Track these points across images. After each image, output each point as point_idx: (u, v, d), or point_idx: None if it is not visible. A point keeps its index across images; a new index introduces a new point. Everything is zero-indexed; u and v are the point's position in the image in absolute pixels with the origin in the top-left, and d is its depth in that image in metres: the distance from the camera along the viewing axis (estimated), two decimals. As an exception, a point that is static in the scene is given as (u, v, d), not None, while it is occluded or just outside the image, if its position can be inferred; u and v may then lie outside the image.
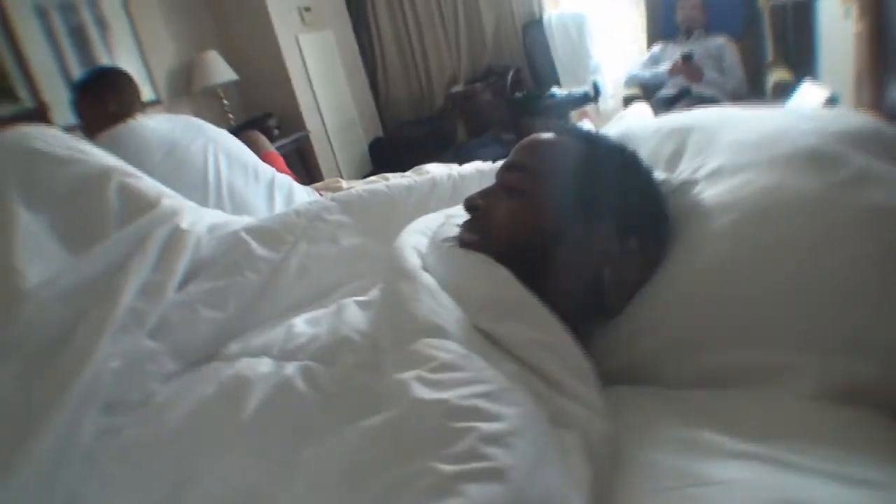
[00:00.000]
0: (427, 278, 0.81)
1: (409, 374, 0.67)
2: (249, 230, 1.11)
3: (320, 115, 4.07)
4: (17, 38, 3.12)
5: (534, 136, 0.96)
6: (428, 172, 2.78)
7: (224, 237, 1.11)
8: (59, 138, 1.21)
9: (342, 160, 4.20)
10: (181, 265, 1.02)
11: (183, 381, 0.98)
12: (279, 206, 1.92)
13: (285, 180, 2.08)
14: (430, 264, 0.87)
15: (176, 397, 0.94)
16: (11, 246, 1.03)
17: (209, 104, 3.90)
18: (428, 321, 0.74)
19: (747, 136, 1.00)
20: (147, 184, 1.17)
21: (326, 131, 4.11)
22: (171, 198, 1.15)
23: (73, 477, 0.88)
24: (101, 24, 3.51)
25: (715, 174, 0.95)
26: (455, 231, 0.95)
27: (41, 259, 1.05)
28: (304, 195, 2.09)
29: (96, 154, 1.19)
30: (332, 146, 4.15)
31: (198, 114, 3.60)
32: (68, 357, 0.92)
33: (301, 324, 0.96)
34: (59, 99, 3.02)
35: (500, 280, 0.80)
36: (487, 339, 0.74)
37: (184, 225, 1.06)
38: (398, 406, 0.65)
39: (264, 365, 0.89)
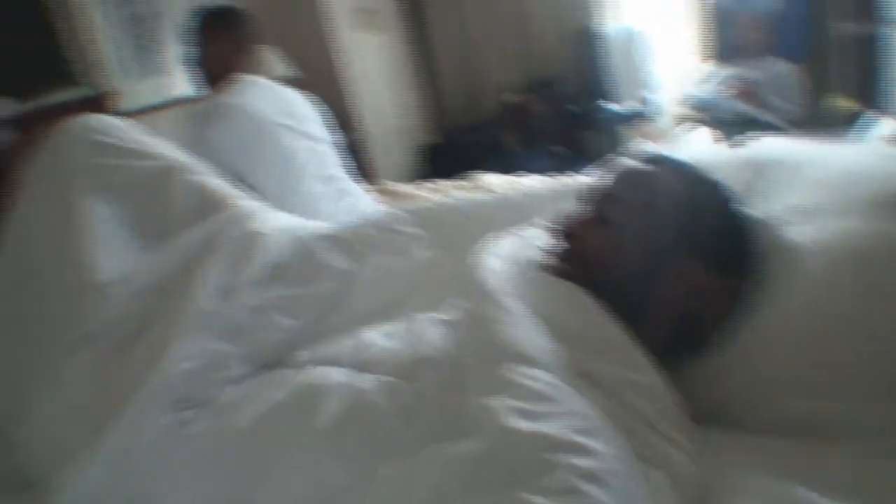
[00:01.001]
0: (515, 303, 0.81)
1: (497, 401, 0.66)
2: (324, 238, 1.12)
3: (373, 117, 4.09)
4: (79, 25, 3.19)
5: (631, 165, 0.94)
6: (481, 181, 2.80)
7: (298, 243, 1.12)
8: (125, 130, 1.22)
9: (393, 163, 4.21)
10: (255, 269, 1.03)
11: (252, 384, 0.99)
12: (344, 211, 1.92)
13: (353, 186, 2.09)
14: (516, 288, 0.86)
15: (245, 399, 0.95)
16: (88, 239, 1.06)
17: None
18: (517, 347, 0.73)
19: (831, 176, 0.98)
20: (215, 181, 1.18)
21: (379, 134, 4.13)
22: (240, 197, 1.16)
23: (140, 471, 0.90)
24: (157, 11, 3.57)
25: (801, 213, 0.93)
26: (538, 254, 0.94)
27: (115, 253, 1.06)
28: (369, 201, 2.09)
29: (164, 148, 1.21)
30: (383, 149, 4.17)
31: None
32: (142, 354, 0.94)
33: (375, 336, 0.96)
34: (122, 86, 3.09)
35: (593, 314, 0.79)
36: (577, 373, 0.73)
37: (257, 227, 1.07)
38: (486, 433, 0.65)
39: (339, 374, 0.89)
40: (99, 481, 0.87)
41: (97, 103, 2.77)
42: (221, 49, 1.95)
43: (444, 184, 2.81)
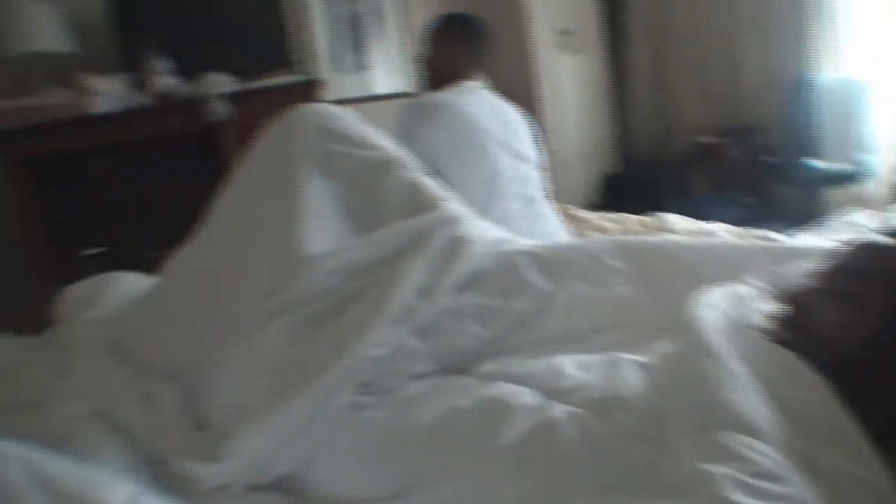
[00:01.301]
0: (739, 366, 0.74)
1: (719, 469, 0.61)
2: (528, 255, 1.11)
3: (560, 138, 4.07)
4: (305, 18, 3.48)
5: (877, 241, 0.85)
6: (665, 220, 2.69)
7: (503, 256, 1.12)
8: (352, 121, 1.29)
9: (575, 187, 4.17)
10: (459, 273, 1.04)
11: (434, 384, 1.00)
12: (538, 235, 1.89)
13: (550, 210, 2.07)
14: (735, 349, 0.80)
15: (427, 397, 0.96)
16: (300, 211, 1.13)
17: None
18: (741, 415, 0.67)
19: None
20: (429, 182, 1.21)
21: (563, 155, 4.10)
22: (451, 201, 1.18)
23: (311, 441, 0.94)
24: (378, 15, 3.79)
25: None
26: (757, 316, 0.87)
27: (324, 228, 1.13)
28: (562, 228, 2.06)
29: (385, 142, 1.26)
30: (567, 171, 4.13)
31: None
32: (341, 332, 0.97)
33: (569, 364, 0.93)
34: (330, 76, 3.32)
35: (819, 395, 0.71)
36: (800, 456, 0.66)
37: (467, 233, 1.08)
38: (704, 501, 0.60)
39: (528, 396, 0.88)
40: (273, 441, 0.92)
41: (307, 90, 2.96)
42: (453, 53, 2.01)
43: (627, 217, 2.72)
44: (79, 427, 1.10)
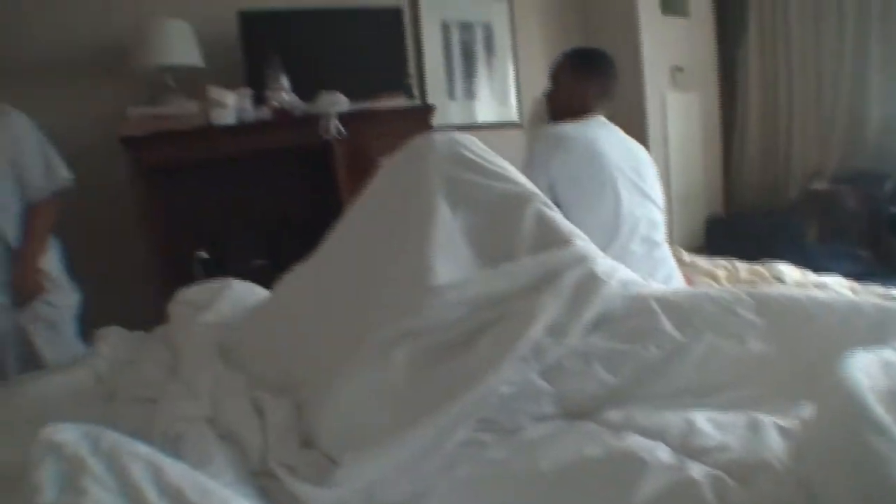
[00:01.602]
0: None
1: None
2: (661, 302, 1.06)
3: (668, 177, 3.96)
4: (421, 45, 3.57)
5: None
6: (776, 270, 2.55)
7: (634, 299, 1.08)
8: (487, 152, 1.28)
9: (676, 228, 4.04)
10: (591, 314, 1.01)
11: (558, 427, 0.97)
12: (658, 280, 1.83)
13: (669, 255, 2.00)
14: None
15: (550, 441, 0.93)
16: (429, 239, 1.12)
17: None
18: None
19: None
20: (561, 218, 1.18)
21: (669, 196, 3.98)
22: (583, 239, 1.15)
23: (425, 473, 0.92)
24: (489, 47, 3.84)
25: None
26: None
27: (452, 257, 1.11)
28: (679, 275, 1.99)
29: (519, 176, 1.24)
30: (671, 211, 4.00)
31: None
32: (470, 365, 0.95)
33: (703, 421, 0.88)
34: (438, 102, 3.37)
35: None
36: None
37: (599, 272, 1.05)
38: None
39: (663, 452, 0.83)
40: (389, 469, 0.90)
41: (419, 115, 3.02)
42: (581, 87, 2.00)
43: (737, 264, 2.61)
44: (191, 430, 1.12)
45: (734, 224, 4.16)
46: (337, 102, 2.75)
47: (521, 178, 1.22)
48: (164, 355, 1.61)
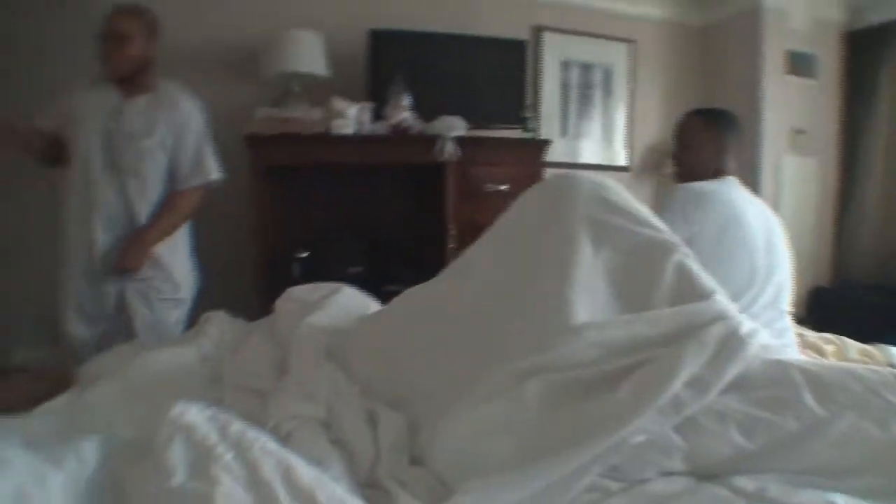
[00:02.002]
0: None
1: None
2: (803, 372, 1.01)
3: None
4: (540, 80, 3.59)
5: None
6: (890, 354, 2.39)
7: (774, 366, 1.03)
8: (630, 199, 1.26)
9: (781, 296, 3.86)
10: (732, 372, 0.96)
11: (687, 486, 0.92)
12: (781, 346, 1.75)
13: (789, 326, 1.91)
14: None
15: (678, 500, 0.89)
16: (570, 276, 1.10)
17: (666, 189, 3.96)
18: None
19: None
20: (702, 271, 1.14)
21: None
22: (723, 296, 1.10)
23: None
24: (606, 89, 3.82)
25: None
26: None
27: (590, 297, 1.09)
28: (795, 347, 1.90)
29: (662, 224, 1.21)
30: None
31: (656, 198, 3.72)
32: (607, 410, 0.92)
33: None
34: (549, 137, 3.36)
35: None
36: None
37: (742, 332, 1.00)
38: None
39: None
40: (510, 501, 0.87)
41: (533, 148, 3.02)
42: (712, 147, 1.96)
43: (847, 342, 2.46)
44: (303, 431, 1.13)
45: (841, 298, 3.93)
46: (455, 126, 2.78)
47: (664, 227, 1.19)
48: (269, 348, 1.64)
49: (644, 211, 1.22)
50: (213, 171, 2.27)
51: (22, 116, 2.20)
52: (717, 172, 1.94)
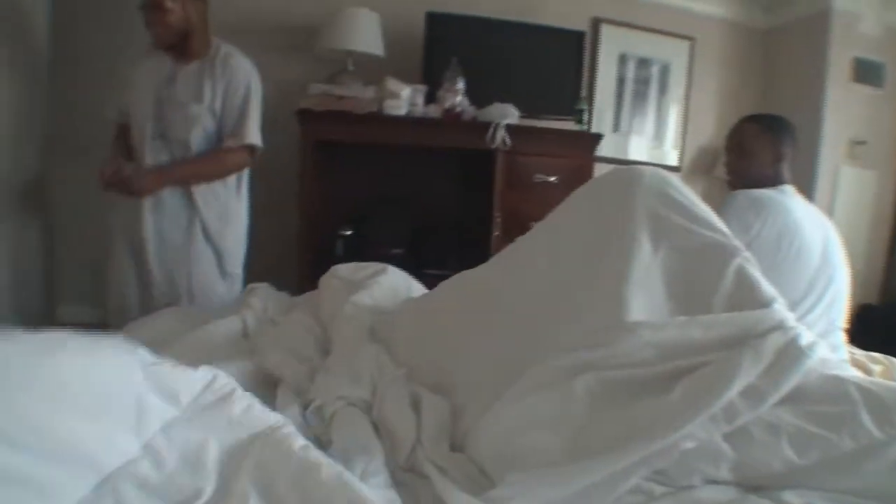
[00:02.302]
0: None
1: None
2: (862, 391, 0.97)
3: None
4: (595, 73, 3.53)
5: None
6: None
7: (831, 381, 0.99)
8: (695, 198, 1.23)
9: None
10: (789, 384, 0.94)
11: (732, 497, 0.90)
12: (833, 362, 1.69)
13: (842, 343, 1.86)
14: None
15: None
16: (628, 273, 1.08)
17: (717, 191, 3.87)
18: None
19: None
20: (763, 278, 1.11)
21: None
22: (783, 305, 1.07)
23: None
24: (662, 86, 3.74)
25: None
26: None
27: (646, 295, 1.07)
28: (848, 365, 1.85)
29: (724, 227, 1.18)
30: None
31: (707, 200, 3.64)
32: (658, 412, 0.90)
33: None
34: (600, 131, 3.30)
35: None
36: None
37: (802, 343, 0.97)
38: None
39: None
40: (554, 497, 0.86)
41: (583, 141, 2.98)
42: (769, 155, 1.92)
43: (894, 361, 2.38)
44: (347, 413, 1.13)
45: (891, 316, 3.81)
46: (508, 114, 2.76)
47: (726, 230, 1.16)
48: (312, 323, 1.65)
49: (707, 211, 1.18)
50: (252, 136, 2.19)
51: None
52: (773, 180, 1.90)
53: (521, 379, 1.04)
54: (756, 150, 1.96)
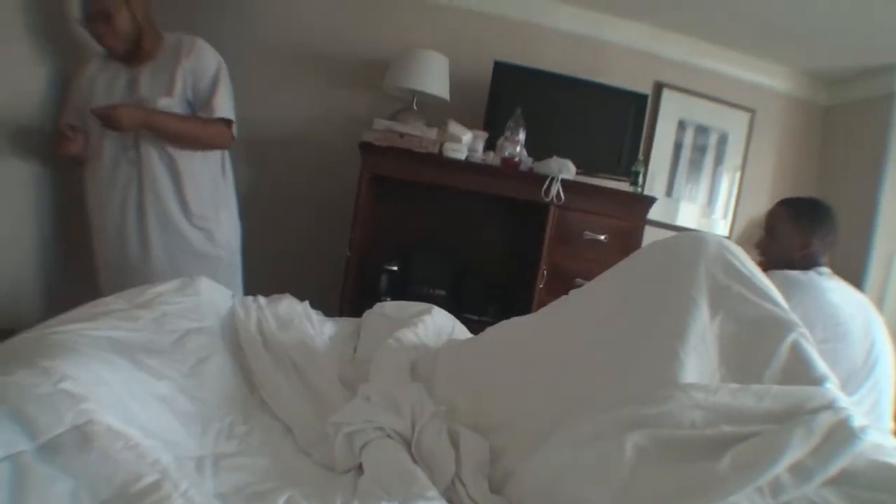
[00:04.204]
0: None
1: None
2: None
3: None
4: (653, 136, 3.57)
5: None
6: None
7: (882, 469, 0.99)
8: (755, 268, 1.24)
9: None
10: (838, 464, 0.93)
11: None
12: None
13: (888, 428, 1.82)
14: None
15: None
16: (684, 334, 1.09)
17: (762, 264, 3.85)
18: None
19: None
20: (817, 355, 1.11)
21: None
22: (834, 384, 1.07)
23: None
24: (719, 155, 3.75)
25: None
26: None
27: (699, 358, 1.07)
28: None
29: (782, 299, 1.19)
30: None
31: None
32: (704, 477, 0.90)
33: None
34: (656, 194, 3.32)
35: None
36: None
37: (854, 425, 0.97)
38: None
39: None
40: None
41: (637, 203, 2.99)
42: (805, 241, 1.92)
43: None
44: (385, 442, 1.16)
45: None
46: (565, 169, 2.80)
47: (784, 303, 1.17)
48: (348, 351, 1.70)
49: (766, 283, 1.20)
50: (223, 110, 2.16)
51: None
52: (801, 264, 1.89)
53: (571, 428, 1.06)
54: (783, 234, 1.97)
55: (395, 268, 3.02)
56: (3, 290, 2.13)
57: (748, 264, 1.21)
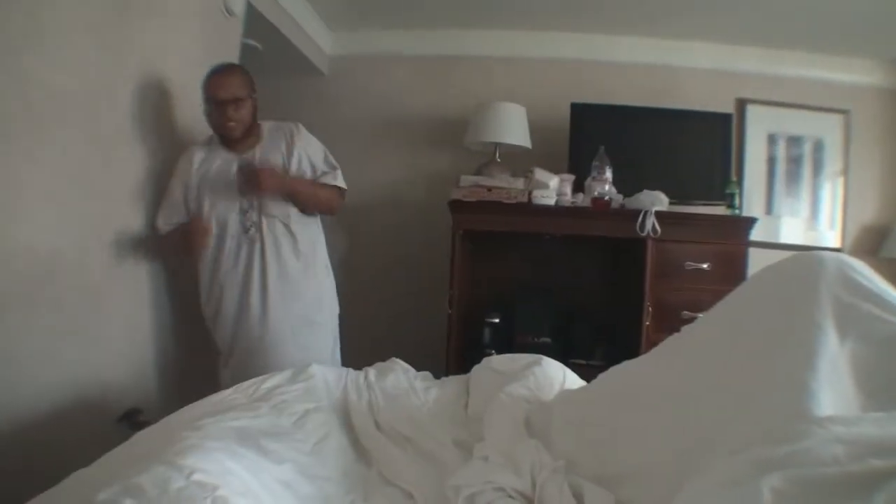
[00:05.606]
0: None
1: None
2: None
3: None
4: (743, 155, 3.47)
5: None
6: None
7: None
8: (880, 281, 1.16)
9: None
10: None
11: None
12: None
13: None
14: None
15: None
16: (813, 364, 1.02)
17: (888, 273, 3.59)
18: None
19: None
20: None
21: None
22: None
23: None
24: (817, 164, 3.59)
25: None
26: None
27: (834, 388, 1.01)
28: None
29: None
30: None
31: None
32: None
33: None
34: (753, 215, 3.20)
35: None
36: None
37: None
38: None
39: None
40: None
41: (736, 225, 2.90)
42: None
43: None
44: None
45: None
46: (657, 201, 2.76)
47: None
48: (465, 411, 1.71)
49: (896, 296, 1.12)
50: (342, 182, 2.33)
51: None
52: None
53: (702, 474, 1.02)
54: None
55: (497, 319, 3.04)
56: (128, 371, 2.27)
57: (872, 278, 1.13)
